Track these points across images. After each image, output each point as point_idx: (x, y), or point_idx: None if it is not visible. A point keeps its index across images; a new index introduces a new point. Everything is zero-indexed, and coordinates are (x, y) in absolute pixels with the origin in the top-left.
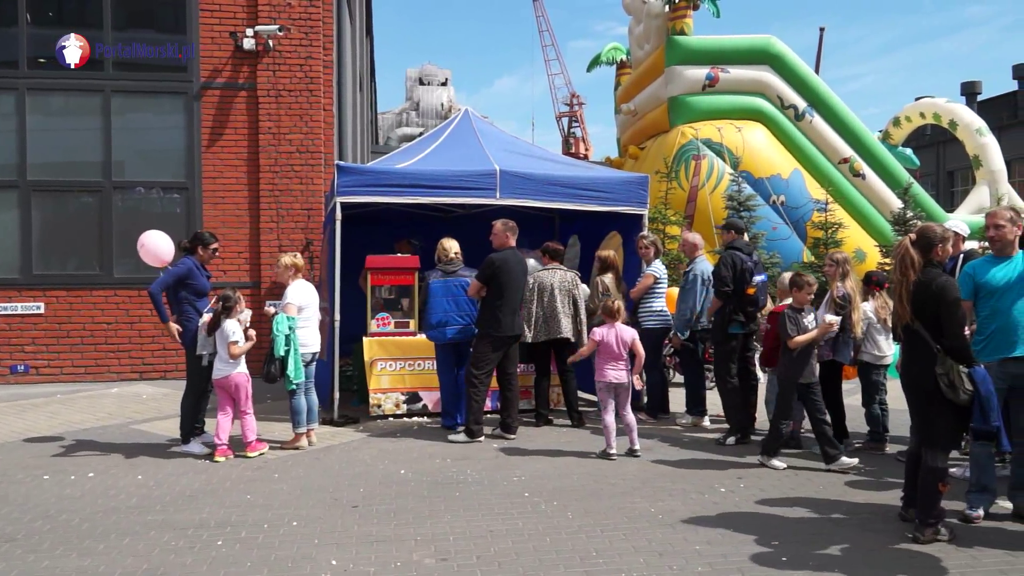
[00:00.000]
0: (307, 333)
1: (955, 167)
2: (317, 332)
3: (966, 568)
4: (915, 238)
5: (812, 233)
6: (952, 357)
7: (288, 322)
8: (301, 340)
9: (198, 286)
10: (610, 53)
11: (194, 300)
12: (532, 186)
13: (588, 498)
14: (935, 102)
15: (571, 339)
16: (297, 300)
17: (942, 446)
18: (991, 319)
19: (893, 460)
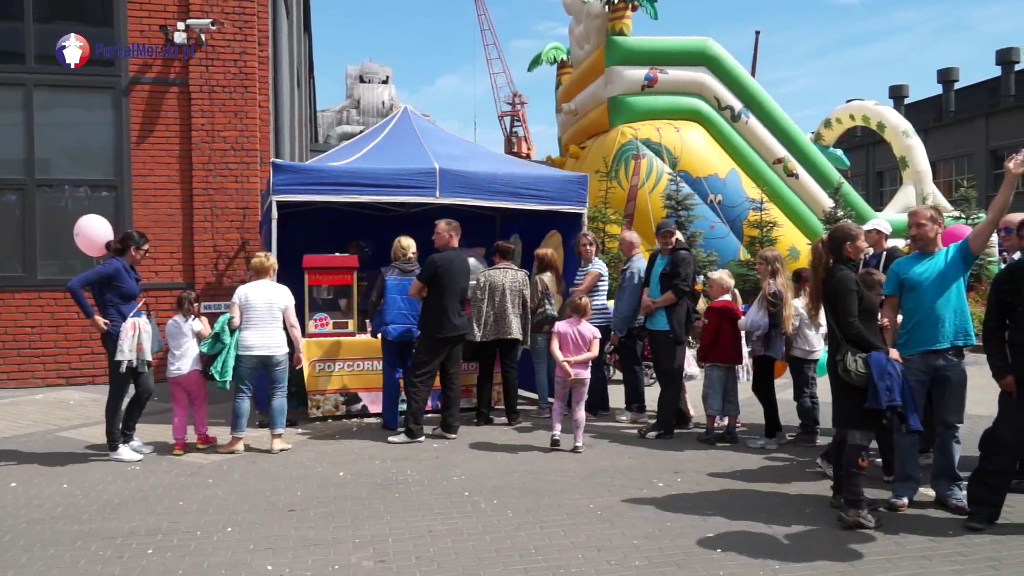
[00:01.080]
0: (250, 335)
1: (884, 167)
2: (267, 334)
3: (891, 554)
4: (826, 238)
5: (748, 232)
6: (851, 344)
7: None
8: (243, 341)
9: (125, 289)
10: (551, 53)
11: (119, 303)
12: (473, 185)
13: (528, 495)
14: (864, 105)
15: (520, 339)
16: (238, 299)
17: (854, 425)
18: (914, 313)
19: (805, 450)
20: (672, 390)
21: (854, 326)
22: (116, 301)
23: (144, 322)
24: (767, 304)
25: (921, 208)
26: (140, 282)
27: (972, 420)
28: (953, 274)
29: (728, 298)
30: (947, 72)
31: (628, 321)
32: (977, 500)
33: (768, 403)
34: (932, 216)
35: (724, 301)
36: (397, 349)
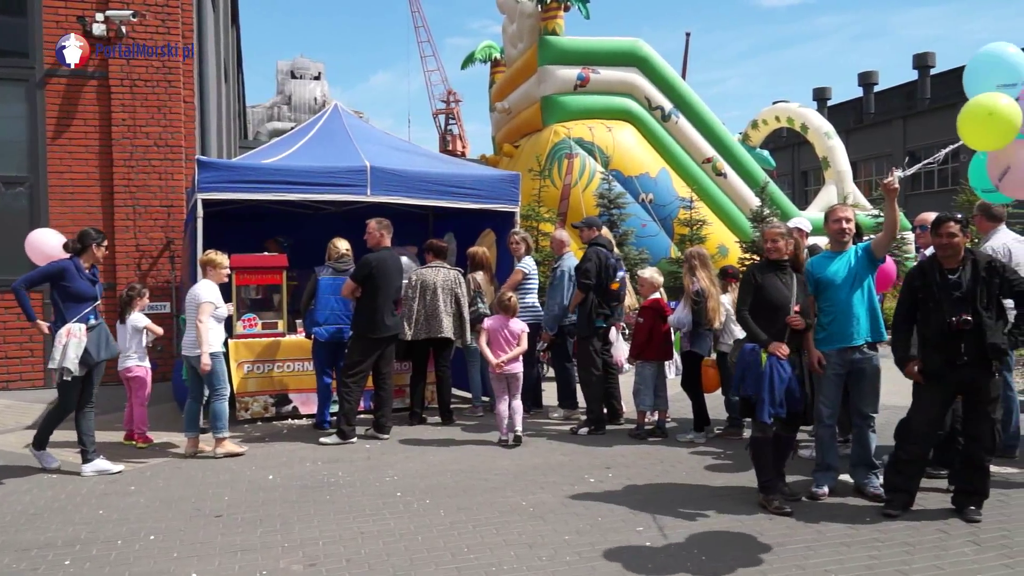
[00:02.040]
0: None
1: (808, 167)
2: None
3: (812, 542)
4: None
5: (678, 230)
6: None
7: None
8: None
9: (73, 289)
10: (485, 51)
11: (70, 305)
12: (404, 183)
13: (461, 495)
14: (788, 107)
15: (452, 338)
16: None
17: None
18: (829, 311)
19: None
20: (588, 387)
21: (742, 317)
22: (65, 303)
23: (78, 328)
24: (691, 302)
25: (836, 206)
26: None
27: (889, 411)
28: (863, 274)
29: (658, 296)
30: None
31: (559, 319)
32: (893, 487)
33: (696, 398)
34: (845, 216)
35: (655, 299)
36: (329, 349)
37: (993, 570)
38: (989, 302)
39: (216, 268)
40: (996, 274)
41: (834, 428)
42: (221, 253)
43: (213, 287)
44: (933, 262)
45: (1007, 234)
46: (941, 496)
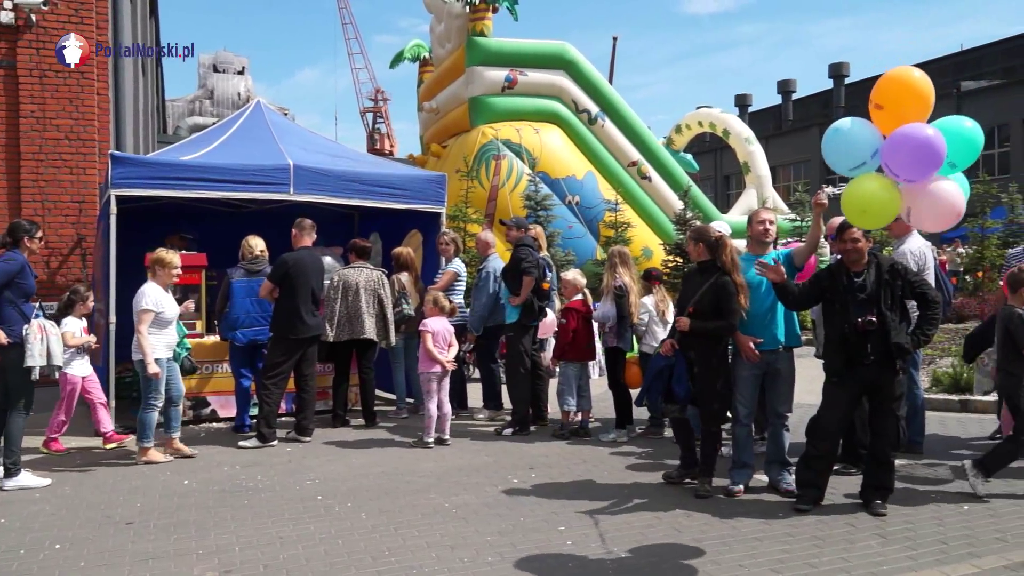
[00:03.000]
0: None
1: (730, 172)
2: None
3: (727, 537)
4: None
5: (604, 232)
6: None
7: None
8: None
9: (26, 286)
10: (413, 50)
11: (20, 302)
12: (329, 182)
13: (383, 497)
14: (711, 112)
15: (375, 339)
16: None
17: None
18: (747, 313)
19: (670, 443)
20: (514, 388)
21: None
22: (16, 300)
23: (49, 323)
24: (614, 296)
25: (759, 209)
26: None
27: (803, 409)
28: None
29: (580, 297)
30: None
31: (484, 320)
32: (804, 483)
33: (620, 395)
34: (768, 218)
35: (578, 300)
36: (246, 352)
37: (897, 562)
38: (893, 303)
39: (165, 268)
40: (899, 276)
41: (750, 427)
42: (172, 251)
43: (157, 290)
44: (840, 265)
45: (920, 239)
46: (850, 491)
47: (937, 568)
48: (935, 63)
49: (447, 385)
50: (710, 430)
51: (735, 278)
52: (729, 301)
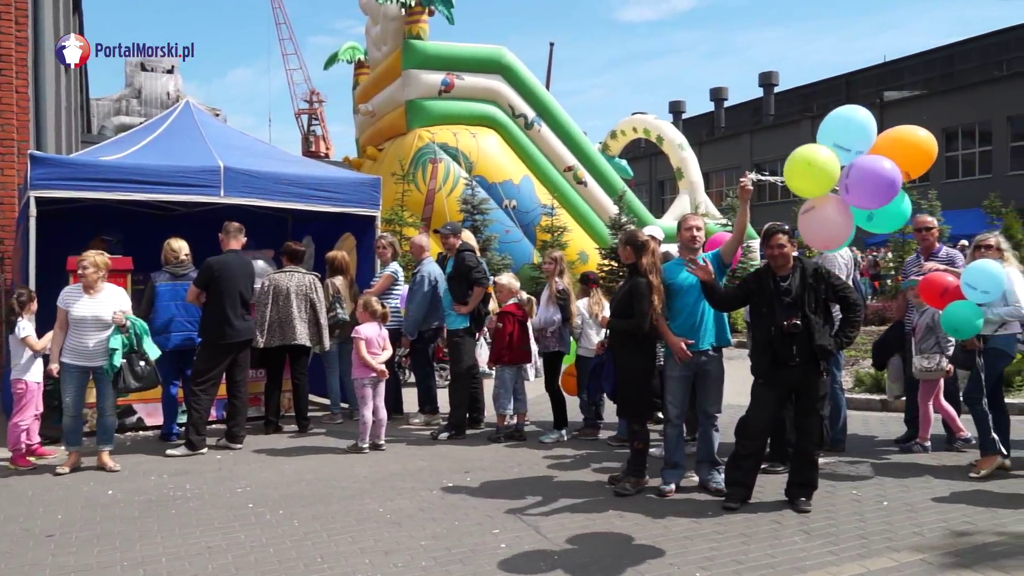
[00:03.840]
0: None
1: (664, 177)
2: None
3: (657, 537)
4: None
5: (541, 236)
6: None
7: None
8: None
9: None
10: (348, 52)
11: None
12: (260, 184)
13: (316, 504)
14: (645, 118)
15: (307, 345)
16: None
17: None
18: (679, 315)
19: (604, 444)
20: (456, 393)
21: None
22: None
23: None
24: (556, 300)
25: (688, 215)
26: None
27: (733, 410)
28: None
29: (515, 301)
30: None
31: (419, 324)
32: (733, 482)
33: (557, 399)
34: (697, 224)
35: (513, 304)
36: (172, 359)
37: (820, 556)
38: (816, 307)
39: (84, 268)
40: (822, 280)
41: (681, 428)
42: (97, 252)
43: (70, 289)
44: (767, 269)
45: None
46: (776, 488)
47: (857, 562)
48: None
49: (382, 390)
50: (631, 428)
51: (651, 279)
52: (639, 302)
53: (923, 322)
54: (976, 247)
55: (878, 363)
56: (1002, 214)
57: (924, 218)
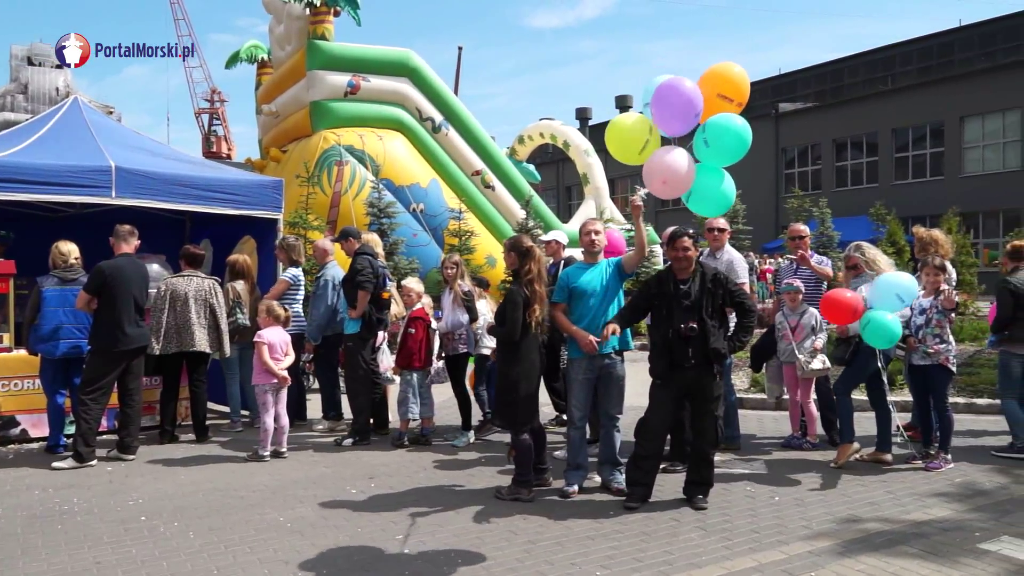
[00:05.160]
0: None
1: (571, 183)
2: None
3: (560, 538)
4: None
5: (449, 240)
6: None
7: None
8: None
9: None
10: (250, 50)
11: None
12: (155, 186)
13: (214, 515)
14: (551, 124)
15: (206, 351)
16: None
17: None
18: (580, 319)
19: (496, 445)
20: (356, 398)
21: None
22: None
23: None
24: (462, 302)
25: (588, 220)
26: None
27: (635, 411)
28: (613, 286)
29: (421, 305)
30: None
31: (323, 329)
32: (633, 482)
33: (463, 400)
34: (597, 228)
35: (421, 309)
36: (59, 367)
37: (715, 552)
38: (713, 311)
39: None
40: (720, 286)
41: (584, 430)
42: None
43: None
44: (669, 272)
45: (733, 249)
46: (675, 487)
47: (749, 556)
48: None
49: (284, 396)
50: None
51: (533, 287)
52: (512, 310)
53: (805, 323)
54: (847, 268)
55: (756, 366)
56: (886, 221)
57: (797, 227)
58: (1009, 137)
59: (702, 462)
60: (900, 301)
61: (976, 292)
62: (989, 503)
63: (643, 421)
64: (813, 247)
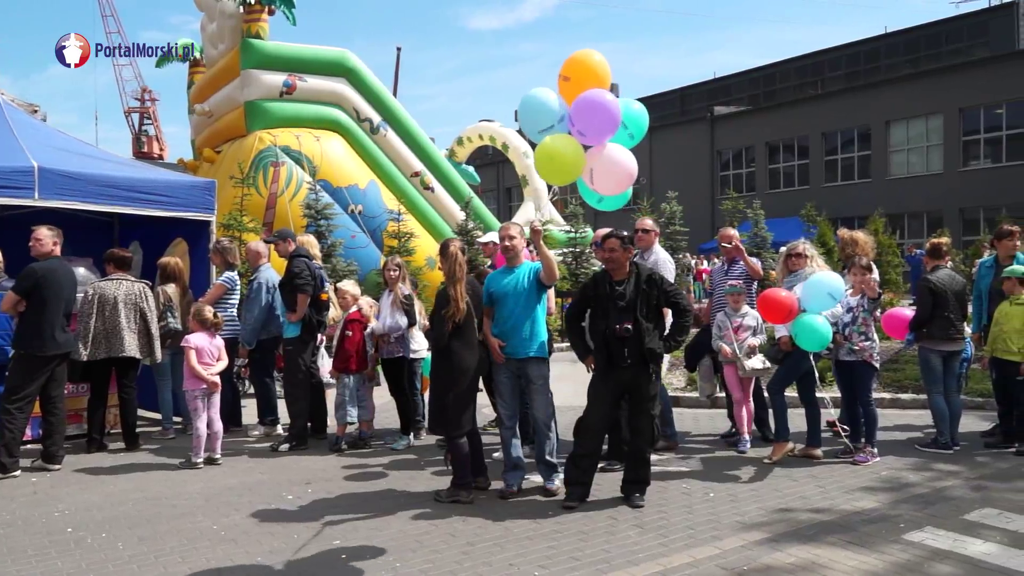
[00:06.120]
0: None
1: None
2: None
3: (499, 539)
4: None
5: (388, 242)
6: None
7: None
8: None
9: None
10: (182, 48)
11: None
12: (81, 187)
13: (144, 524)
14: (491, 126)
15: (137, 356)
16: None
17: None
18: (503, 322)
19: (435, 448)
20: (295, 402)
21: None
22: None
23: None
24: (402, 305)
25: (508, 223)
26: None
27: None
28: (532, 292)
29: (356, 308)
30: None
31: (257, 333)
32: (571, 481)
33: (403, 404)
34: (521, 231)
35: (357, 312)
36: None
37: (652, 549)
38: (648, 311)
39: None
40: (655, 286)
41: (514, 429)
42: None
43: None
44: (604, 274)
45: (663, 250)
46: (613, 486)
47: (685, 552)
48: (692, 88)
49: (217, 402)
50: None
51: (453, 288)
52: (434, 313)
53: (746, 323)
54: (788, 255)
55: (690, 365)
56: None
57: (727, 231)
58: (932, 141)
59: (639, 461)
60: (832, 299)
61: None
62: (913, 495)
63: (581, 420)
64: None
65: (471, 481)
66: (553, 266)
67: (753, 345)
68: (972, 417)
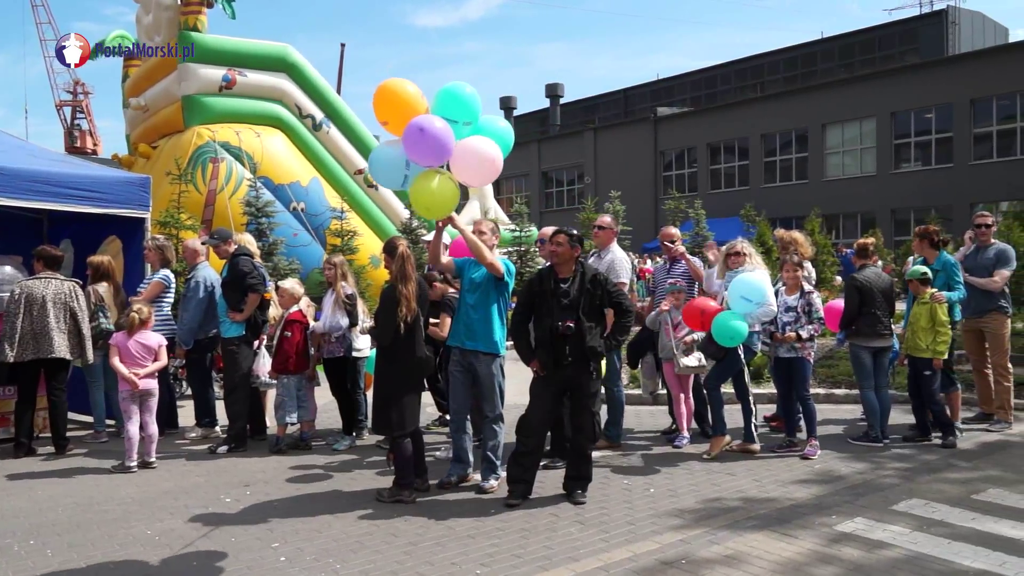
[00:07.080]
0: None
1: None
2: None
3: (441, 537)
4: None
5: (331, 240)
6: None
7: None
8: None
9: None
10: (116, 40)
11: None
12: (8, 182)
13: (74, 531)
14: None
15: (67, 358)
16: None
17: None
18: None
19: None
20: (235, 404)
21: None
22: None
23: None
24: (344, 305)
25: (481, 220)
26: None
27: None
28: (487, 287)
29: (298, 308)
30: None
31: (194, 332)
32: (514, 479)
33: (345, 404)
34: (493, 228)
35: (298, 312)
36: None
37: (593, 544)
38: (591, 311)
39: None
40: (599, 286)
41: (462, 424)
42: None
43: None
44: (550, 271)
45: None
46: (556, 483)
47: (625, 547)
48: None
49: (153, 405)
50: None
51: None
52: (381, 312)
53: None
54: (727, 254)
55: (633, 363)
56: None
57: (668, 230)
58: (866, 144)
59: (581, 458)
60: (746, 301)
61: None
62: (845, 487)
63: (523, 418)
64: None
65: (413, 481)
66: (481, 250)
67: (689, 342)
68: (900, 411)
